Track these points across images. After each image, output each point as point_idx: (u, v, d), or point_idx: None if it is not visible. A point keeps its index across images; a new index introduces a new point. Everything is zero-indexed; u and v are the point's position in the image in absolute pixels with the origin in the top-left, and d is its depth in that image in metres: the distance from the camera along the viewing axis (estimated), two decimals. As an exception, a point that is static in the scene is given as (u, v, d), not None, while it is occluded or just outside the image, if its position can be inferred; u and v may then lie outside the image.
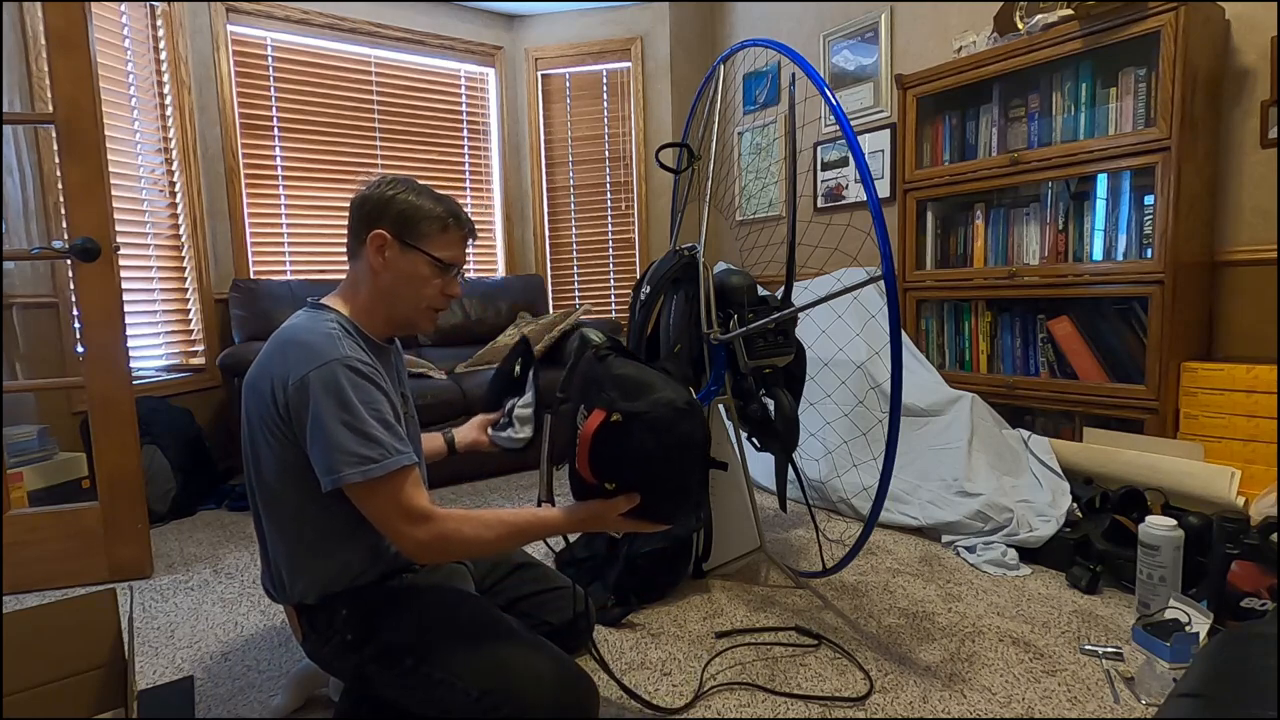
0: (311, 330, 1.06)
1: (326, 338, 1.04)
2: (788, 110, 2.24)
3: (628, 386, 1.07)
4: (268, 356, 1.07)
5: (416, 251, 1.13)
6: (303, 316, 1.12)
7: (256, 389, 1.06)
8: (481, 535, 1.05)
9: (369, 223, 1.12)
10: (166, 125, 2.82)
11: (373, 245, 1.11)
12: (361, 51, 3.35)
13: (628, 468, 1.03)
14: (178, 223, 2.85)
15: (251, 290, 2.86)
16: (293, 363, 1.02)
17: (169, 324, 2.82)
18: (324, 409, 0.99)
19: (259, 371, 1.07)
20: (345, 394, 1.00)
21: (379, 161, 3.43)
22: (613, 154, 3.78)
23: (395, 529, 1.02)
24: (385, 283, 1.13)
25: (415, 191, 1.14)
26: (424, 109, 3.55)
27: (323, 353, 1.02)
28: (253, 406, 1.07)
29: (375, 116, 3.40)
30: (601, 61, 3.72)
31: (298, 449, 1.03)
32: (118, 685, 1.22)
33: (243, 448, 1.14)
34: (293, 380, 1.01)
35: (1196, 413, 1.95)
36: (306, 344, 1.04)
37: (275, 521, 1.10)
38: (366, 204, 1.12)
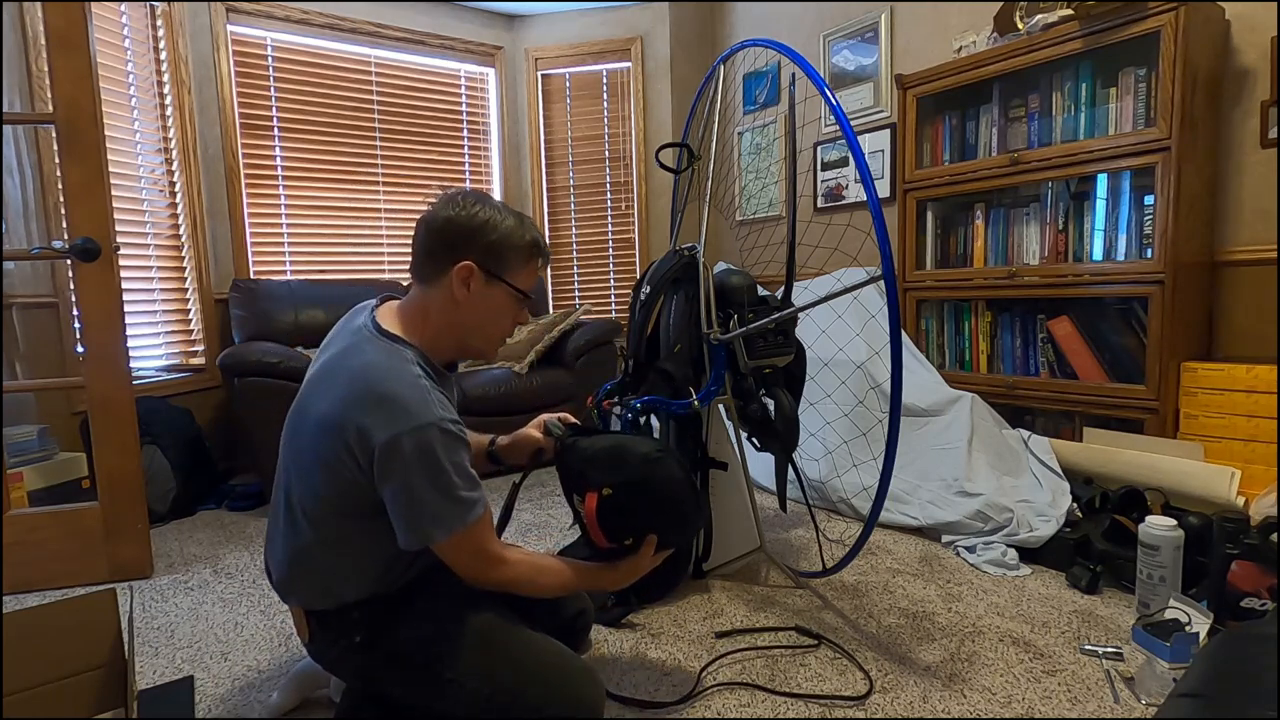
0: (399, 378, 1.00)
1: (417, 391, 0.99)
2: (788, 110, 2.24)
3: (602, 462, 1.19)
4: (350, 400, 0.99)
5: (501, 284, 1.09)
6: (380, 353, 1.03)
7: (327, 426, 1.00)
8: (545, 584, 1.14)
9: (454, 250, 1.06)
10: (166, 125, 2.82)
11: (458, 276, 1.06)
12: (361, 51, 3.35)
13: (634, 524, 1.19)
14: (178, 223, 2.85)
15: (251, 290, 2.86)
16: (383, 418, 0.97)
17: (169, 324, 2.82)
18: (415, 475, 0.97)
19: (334, 410, 1.00)
20: (438, 461, 0.98)
21: (379, 161, 3.43)
22: (613, 154, 3.78)
23: (473, 573, 1.06)
24: (463, 315, 1.09)
25: (500, 212, 1.09)
26: (424, 109, 3.55)
27: (416, 414, 0.97)
28: (317, 439, 1.02)
29: (375, 116, 3.40)
30: (601, 61, 3.72)
31: (361, 489, 1.01)
32: (118, 685, 1.22)
33: (284, 453, 1.11)
34: (382, 438, 0.96)
35: (1196, 413, 1.95)
36: (398, 400, 0.98)
37: (312, 538, 1.06)
38: (452, 227, 1.06)
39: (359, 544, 1.07)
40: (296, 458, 1.08)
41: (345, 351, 1.06)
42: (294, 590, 1.11)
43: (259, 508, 2.56)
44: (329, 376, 1.05)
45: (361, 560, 1.08)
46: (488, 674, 1.06)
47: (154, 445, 2.40)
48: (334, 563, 1.07)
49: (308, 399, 1.07)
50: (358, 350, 1.05)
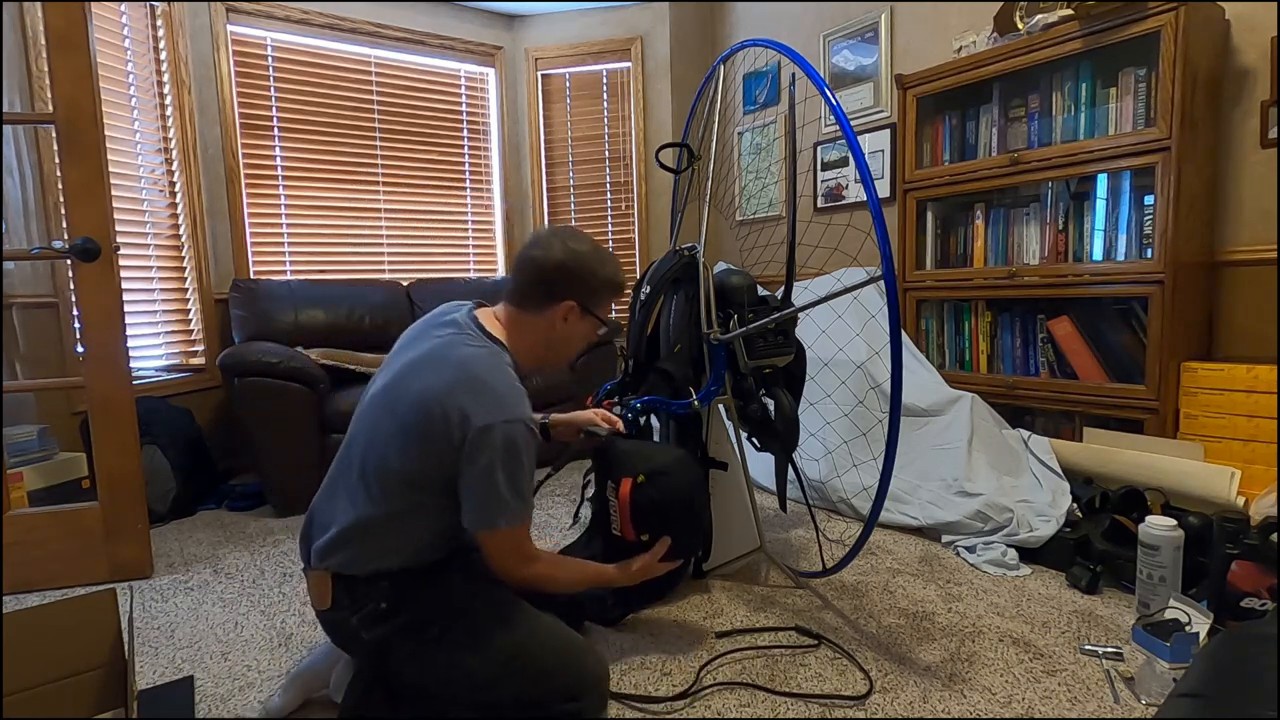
0: (500, 375, 1.14)
1: (514, 390, 1.13)
2: (788, 110, 2.24)
3: (636, 455, 1.40)
4: (452, 386, 1.10)
5: (592, 317, 1.28)
6: (485, 350, 1.17)
7: (429, 402, 1.10)
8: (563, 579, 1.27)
9: (563, 290, 1.22)
10: (166, 125, 2.82)
11: (560, 313, 1.23)
12: (361, 51, 3.35)
13: (657, 514, 1.35)
14: (178, 223, 2.85)
15: (251, 290, 2.86)
16: (482, 405, 1.08)
17: (169, 324, 2.82)
18: (499, 463, 1.08)
19: (435, 391, 1.10)
20: (520, 455, 1.10)
21: (379, 161, 3.43)
22: (613, 154, 3.78)
23: (506, 565, 1.17)
24: (557, 340, 1.26)
25: (599, 257, 1.26)
26: (424, 109, 3.55)
27: (512, 409, 1.10)
28: (414, 413, 1.11)
29: (375, 116, 3.40)
30: (601, 61, 3.72)
31: (441, 466, 1.10)
32: (118, 685, 1.22)
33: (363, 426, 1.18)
34: (479, 422, 1.07)
35: (1196, 413, 1.95)
36: (498, 393, 1.11)
37: (381, 509, 1.13)
38: (563, 271, 1.22)
39: (420, 517, 1.15)
40: (378, 434, 1.15)
41: (449, 344, 1.17)
42: (339, 554, 1.14)
43: (259, 508, 2.56)
44: (434, 361, 1.15)
45: (417, 532, 1.16)
46: (501, 645, 1.14)
47: (154, 445, 2.40)
48: (392, 532, 1.14)
49: (403, 380, 1.16)
50: (464, 343, 1.17)
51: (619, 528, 1.37)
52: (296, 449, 2.40)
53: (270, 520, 2.41)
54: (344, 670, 1.27)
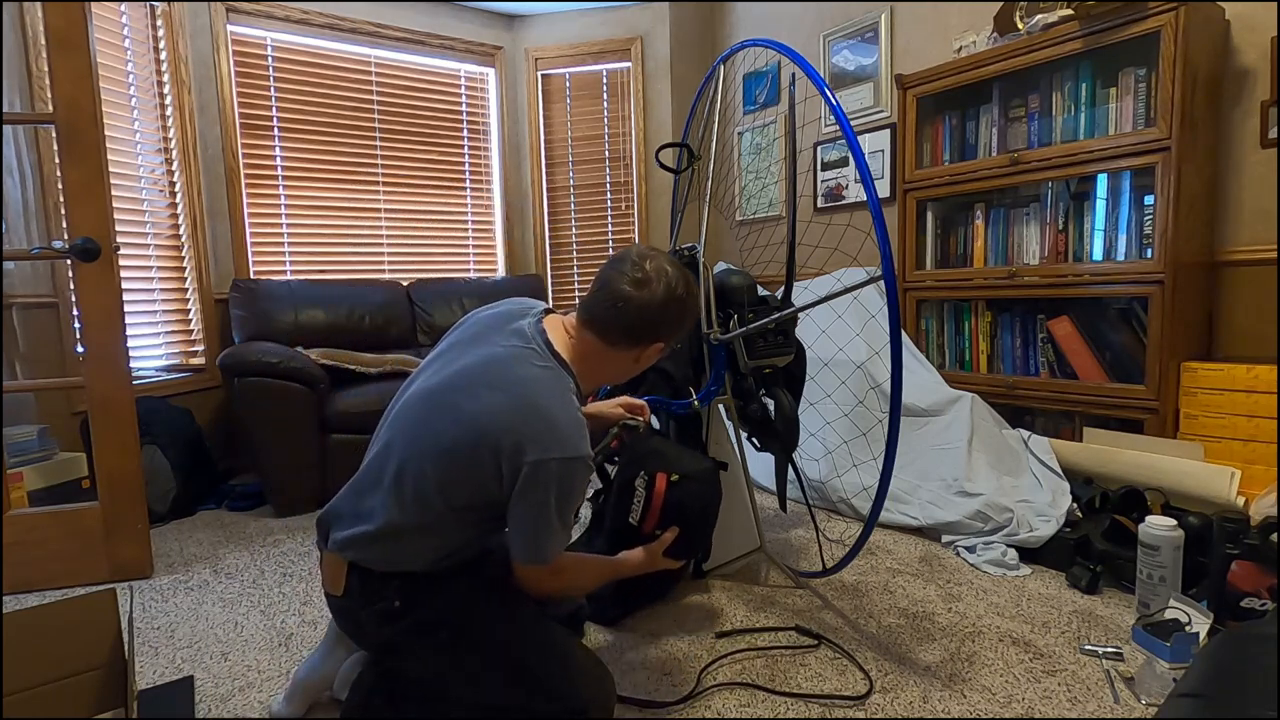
0: (563, 406, 1.08)
1: (576, 424, 1.07)
2: (788, 110, 2.24)
3: (674, 455, 1.47)
4: (514, 410, 1.05)
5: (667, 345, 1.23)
6: (549, 375, 1.11)
7: (483, 427, 1.05)
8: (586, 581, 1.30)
9: (656, 332, 1.16)
10: (166, 125, 2.82)
11: (648, 352, 1.19)
12: (361, 51, 3.35)
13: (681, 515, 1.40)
14: (178, 223, 2.85)
15: (251, 290, 2.86)
16: (540, 439, 1.04)
17: (169, 324, 2.82)
18: (552, 500, 1.05)
19: (492, 417, 1.05)
20: (574, 494, 1.09)
21: (379, 161, 3.43)
22: (613, 154, 3.78)
23: (537, 580, 1.15)
24: (631, 370, 1.24)
25: (697, 298, 1.23)
26: (424, 109, 3.55)
27: (572, 445, 1.05)
28: (466, 434, 1.06)
29: (375, 116, 3.40)
30: (601, 61, 3.72)
31: (487, 491, 1.07)
32: (118, 685, 1.22)
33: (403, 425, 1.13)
34: (534, 455, 1.03)
35: (1196, 413, 1.95)
36: (558, 426, 1.06)
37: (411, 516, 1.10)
38: (668, 315, 1.15)
39: (450, 531, 1.13)
40: (421, 438, 1.10)
41: (512, 359, 1.11)
42: (363, 550, 1.12)
43: (259, 508, 2.56)
44: (493, 377, 1.09)
45: (442, 544, 1.14)
46: (511, 650, 1.14)
47: (154, 445, 2.40)
48: (419, 541, 1.12)
49: (458, 389, 1.10)
50: (527, 362, 1.11)
51: (638, 518, 1.41)
52: (296, 449, 2.40)
53: (270, 520, 2.41)
54: (350, 668, 1.27)
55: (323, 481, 2.45)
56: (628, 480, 1.43)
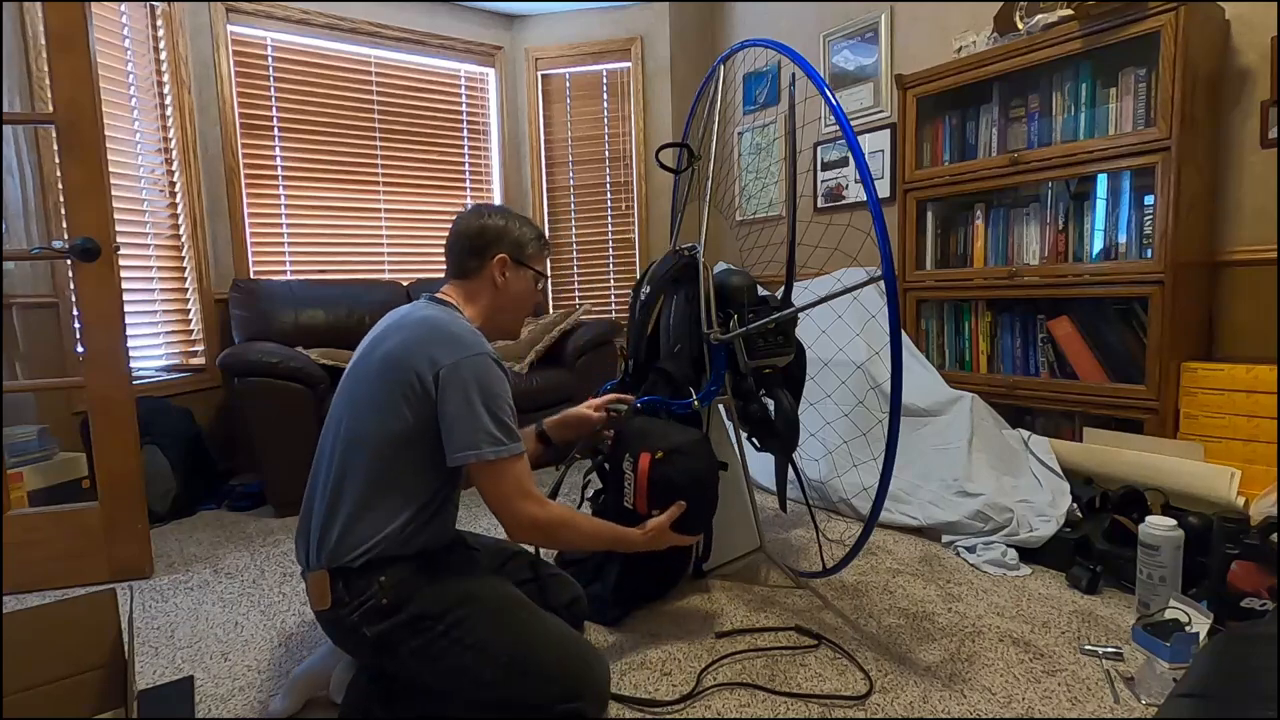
0: (459, 324, 1.22)
1: (474, 334, 1.21)
2: (788, 110, 2.24)
3: (657, 432, 1.46)
4: (415, 338, 1.18)
5: (526, 268, 1.37)
6: (441, 311, 1.25)
7: (395, 361, 1.16)
8: (584, 529, 1.31)
9: (490, 247, 1.32)
10: (166, 125, 2.82)
11: (497, 266, 1.32)
12: (361, 51, 3.35)
13: (674, 489, 1.39)
14: (178, 223, 2.85)
15: (251, 290, 2.86)
16: (447, 348, 1.16)
17: (169, 324, 2.82)
18: (473, 392, 1.13)
19: (403, 344, 1.18)
20: (492, 383, 1.16)
21: (379, 161, 3.43)
22: (613, 154, 3.78)
23: (513, 505, 1.17)
24: (501, 296, 1.34)
25: (516, 220, 1.36)
26: (424, 109, 3.55)
27: (474, 344, 1.17)
28: (383, 372, 1.17)
29: (375, 116, 3.40)
30: (601, 61, 3.72)
31: (421, 420, 1.15)
32: (118, 685, 1.22)
33: (338, 408, 1.24)
34: (447, 361, 1.14)
35: (1196, 413, 1.95)
36: (458, 335, 1.18)
37: (362, 478, 1.16)
38: (487, 231, 1.32)
39: (403, 474, 1.17)
40: (353, 403, 1.20)
41: (406, 313, 1.26)
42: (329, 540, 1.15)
43: (259, 508, 2.56)
44: (395, 328, 1.22)
45: (401, 495, 1.17)
46: (503, 646, 1.15)
47: (154, 445, 2.40)
48: (376, 495, 1.15)
49: (369, 352, 1.23)
50: (418, 310, 1.25)
51: (632, 500, 1.42)
52: (296, 449, 2.39)
53: (270, 520, 2.41)
54: (344, 671, 1.27)
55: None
56: (616, 466, 1.45)
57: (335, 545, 1.14)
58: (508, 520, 1.19)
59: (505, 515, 1.18)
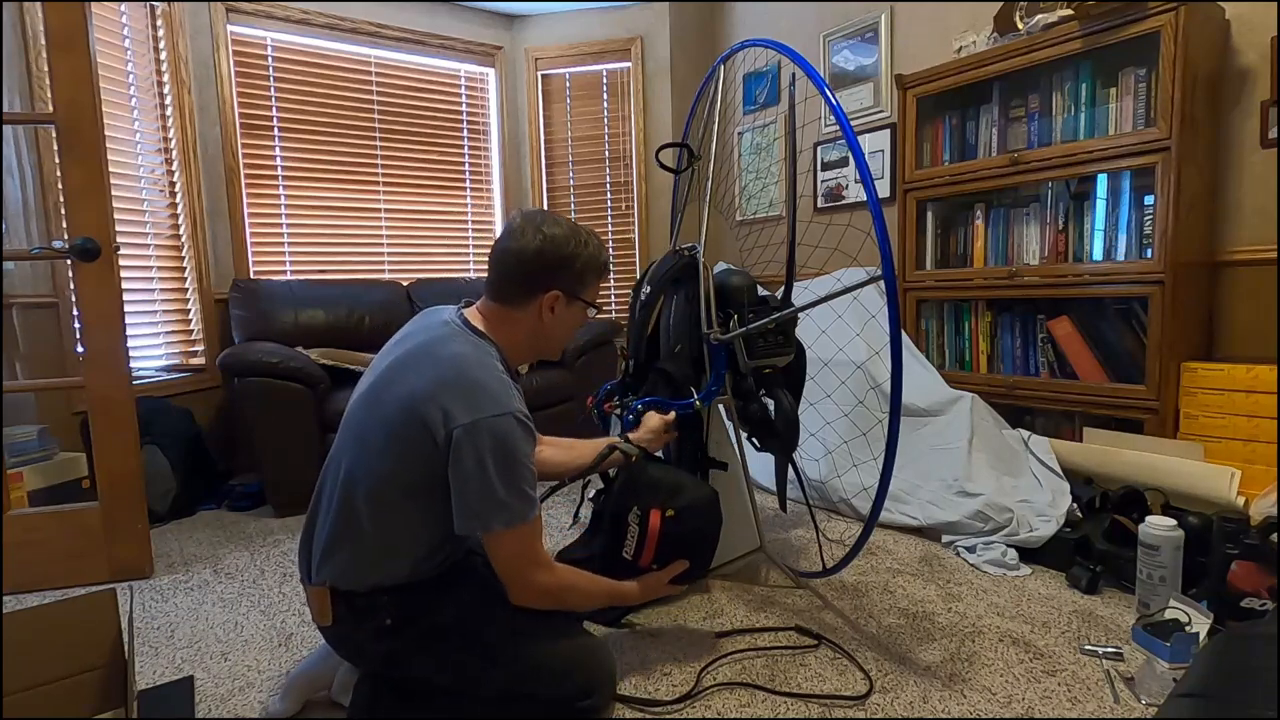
0: (485, 368, 1.09)
1: (500, 383, 1.08)
2: (788, 110, 2.24)
3: (668, 486, 1.38)
4: (438, 381, 1.06)
5: (580, 302, 1.23)
6: (469, 345, 1.13)
7: (412, 403, 1.06)
8: (587, 591, 1.23)
9: (545, 281, 1.17)
10: (166, 125, 2.81)
11: (546, 304, 1.18)
12: (361, 51, 3.35)
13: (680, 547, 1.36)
14: (178, 223, 2.85)
15: (251, 290, 2.86)
16: (468, 402, 1.04)
17: (169, 324, 2.82)
18: (489, 461, 1.03)
19: (421, 389, 1.06)
20: (513, 448, 1.05)
21: (379, 161, 3.42)
22: (613, 154, 3.78)
23: (520, 573, 1.11)
24: (545, 332, 1.21)
25: (579, 238, 1.19)
26: (424, 109, 3.55)
27: (500, 402, 1.05)
28: (397, 415, 1.07)
29: (375, 116, 3.40)
30: (601, 61, 3.72)
31: (428, 472, 1.06)
32: (118, 685, 1.22)
33: (344, 443, 1.15)
34: (464, 420, 1.03)
35: (1196, 413, 1.95)
36: (484, 387, 1.06)
37: (369, 521, 1.09)
38: (542, 260, 1.16)
39: (410, 524, 1.11)
40: (363, 437, 1.11)
41: (435, 341, 1.13)
42: (332, 565, 1.12)
43: (259, 508, 2.56)
44: (417, 361, 1.11)
45: (408, 542, 1.12)
46: (518, 653, 1.14)
47: (154, 445, 2.40)
48: (382, 541, 1.10)
49: (389, 381, 1.12)
50: (447, 341, 1.13)
51: (632, 553, 1.34)
52: (296, 449, 2.40)
53: (270, 520, 2.41)
54: (348, 672, 1.26)
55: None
56: (620, 515, 1.35)
57: (337, 569, 1.11)
58: (515, 589, 1.13)
59: (514, 584, 1.12)
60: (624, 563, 1.35)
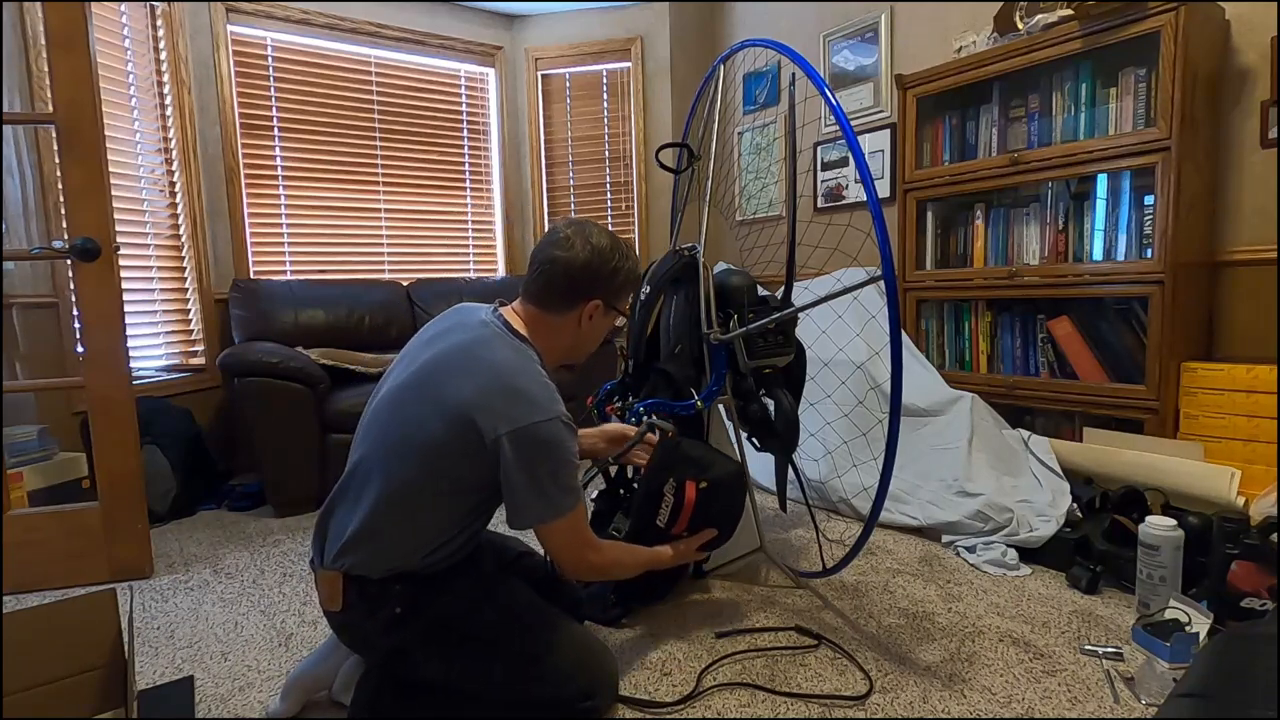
0: (528, 374, 1.13)
1: (545, 388, 1.13)
2: (788, 110, 2.24)
3: (699, 462, 1.49)
4: (486, 390, 1.10)
5: (615, 312, 1.30)
6: (511, 350, 1.16)
7: (458, 410, 1.09)
8: (629, 561, 1.34)
9: (589, 291, 1.23)
10: (166, 125, 2.81)
11: (586, 312, 1.25)
12: (361, 51, 3.35)
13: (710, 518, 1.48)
14: (178, 223, 2.85)
15: (251, 290, 2.86)
16: (516, 410, 1.08)
17: (169, 324, 2.82)
18: (537, 461, 1.09)
19: (468, 397, 1.09)
20: (561, 449, 1.11)
21: (379, 161, 3.42)
22: (613, 154, 3.78)
23: (573, 557, 1.20)
24: (581, 338, 1.29)
25: (622, 253, 1.26)
26: (424, 109, 3.55)
27: (545, 407, 1.10)
28: (441, 419, 1.10)
29: (375, 116, 3.40)
30: (601, 61, 3.72)
31: (475, 474, 1.11)
32: (118, 685, 1.22)
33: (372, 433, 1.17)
34: (513, 426, 1.07)
35: (1196, 413, 1.95)
36: (529, 394, 1.11)
37: (401, 514, 1.13)
38: (589, 272, 1.21)
39: (435, 517, 1.15)
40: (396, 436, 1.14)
41: (476, 343, 1.16)
42: (354, 555, 1.13)
43: (259, 508, 2.56)
44: (464, 362, 1.14)
45: (430, 532, 1.16)
46: (522, 649, 1.17)
47: (154, 445, 2.40)
48: (409, 532, 1.14)
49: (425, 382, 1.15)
50: (490, 345, 1.16)
51: (666, 521, 1.45)
52: (296, 449, 2.40)
53: (270, 520, 2.41)
54: (350, 670, 1.27)
55: (322, 481, 2.45)
56: (655, 488, 1.45)
57: (358, 558, 1.13)
58: (570, 569, 1.22)
59: (569, 565, 1.21)
60: (656, 530, 1.45)
